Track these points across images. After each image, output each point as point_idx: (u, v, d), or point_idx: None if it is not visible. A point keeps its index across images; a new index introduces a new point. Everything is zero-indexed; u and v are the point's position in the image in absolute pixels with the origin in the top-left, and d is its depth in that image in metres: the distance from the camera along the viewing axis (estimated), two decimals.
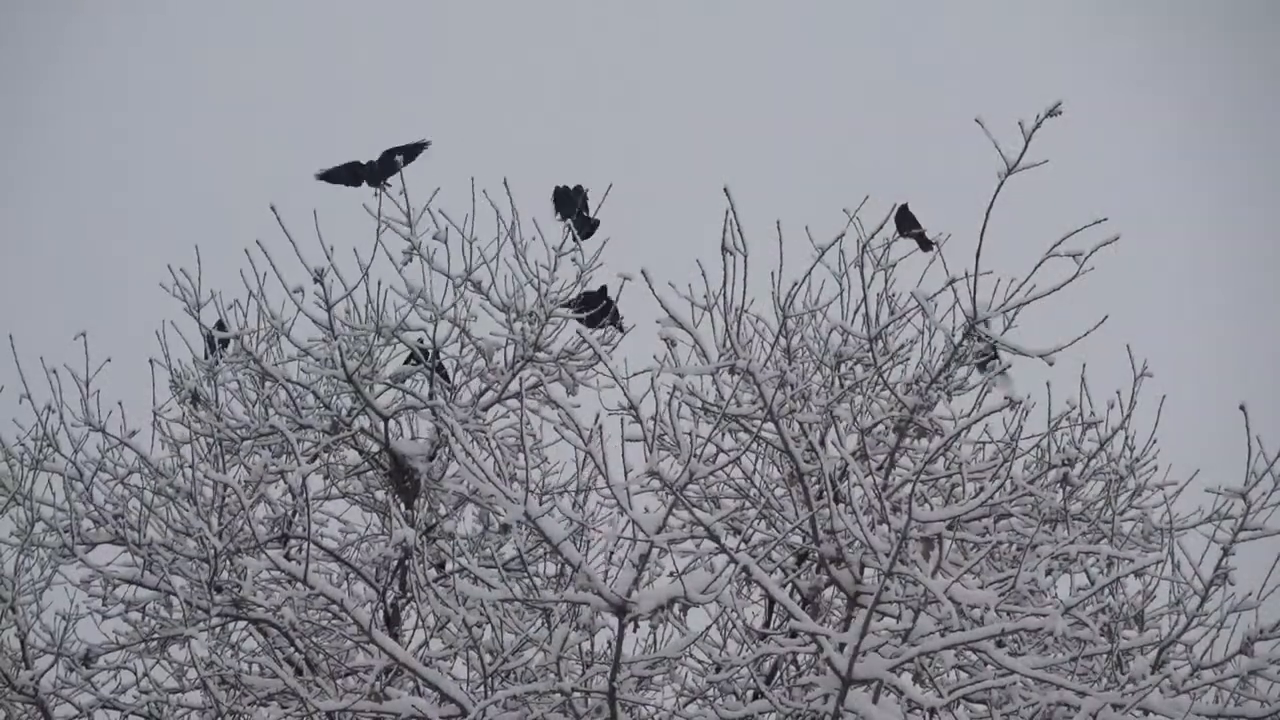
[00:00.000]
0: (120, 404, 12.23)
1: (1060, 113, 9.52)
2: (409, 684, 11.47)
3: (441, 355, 12.68)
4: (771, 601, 11.56)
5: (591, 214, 12.64)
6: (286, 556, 11.81)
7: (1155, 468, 11.86)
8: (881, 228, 11.21)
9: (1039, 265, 10.08)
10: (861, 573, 10.36)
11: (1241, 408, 10.48)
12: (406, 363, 12.76)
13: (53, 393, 12.06)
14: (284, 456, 12.38)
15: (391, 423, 12.64)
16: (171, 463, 12.27)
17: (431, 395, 12.65)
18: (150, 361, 12.23)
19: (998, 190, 9.81)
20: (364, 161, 12.66)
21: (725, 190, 9.76)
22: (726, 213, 9.80)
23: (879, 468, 10.94)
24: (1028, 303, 10.39)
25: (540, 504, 9.47)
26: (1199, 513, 11.69)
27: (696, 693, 11.65)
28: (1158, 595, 11.30)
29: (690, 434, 9.75)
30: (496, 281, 12.72)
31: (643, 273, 9.86)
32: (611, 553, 11.42)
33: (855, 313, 11.40)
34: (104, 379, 12.25)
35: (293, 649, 11.84)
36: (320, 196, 12.63)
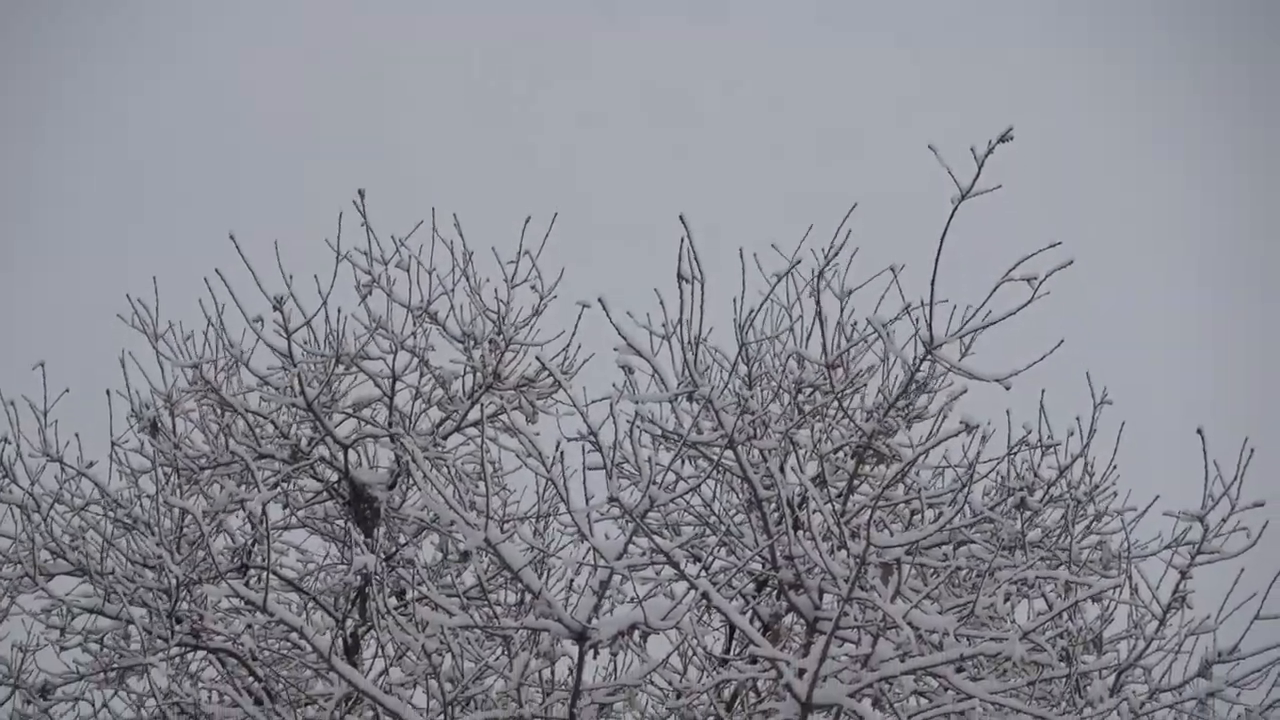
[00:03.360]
0: (77, 435, 12.20)
1: (1011, 138, 9.52)
2: (369, 712, 11.45)
3: (400, 384, 12.67)
4: (732, 628, 11.57)
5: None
6: (246, 585, 11.77)
7: (1114, 494, 11.93)
8: (837, 254, 11.21)
9: (994, 290, 10.08)
10: (821, 599, 10.35)
11: (1199, 432, 10.53)
12: None
13: (9, 424, 12.03)
14: (244, 486, 12.35)
15: (351, 451, 12.63)
16: (129, 493, 12.25)
17: (390, 424, 12.65)
18: (108, 391, 12.19)
19: (951, 217, 9.79)
20: None
21: (681, 218, 9.77)
22: (682, 240, 9.81)
23: (838, 494, 10.95)
24: (984, 328, 10.38)
25: (501, 531, 9.44)
26: (1158, 538, 11.74)
27: None
28: (1116, 619, 11.36)
29: (650, 461, 9.75)
30: (454, 311, 12.75)
31: (600, 300, 9.86)
32: (571, 581, 11.44)
33: (808, 338, 11.43)
34: (61, 410, 12.22)
35: (252, 678, 11.81)
36: (278, 226, 12.62)
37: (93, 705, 11.92)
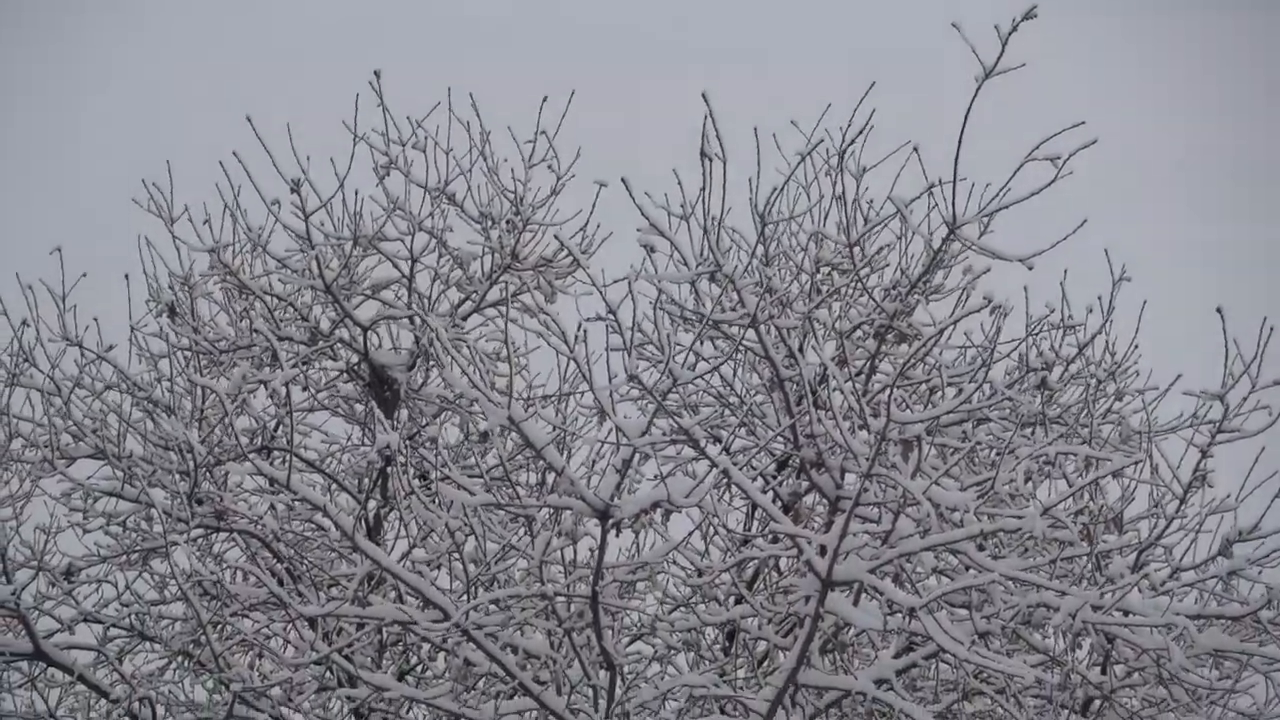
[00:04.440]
0: (96, 320, 12.21)
1: (1035, 15, 9.45)
2: (392, 592, 11.50)
3: (419, 265, 12.66)
4: (753, 507, 11.60)
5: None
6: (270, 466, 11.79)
7: (1136, 373, 11.92)
8: (859, 135, 11.13)
9: (1018, 170, 10.05)
10: (842, 478, 10.37)
11: (1218, 310, 10.50)
12: None
13: (29, 308, 12.03)
14: (266, 368, 12.36)
15: (371, 333, 12.62)
16: (149, 376, 12.28)
17: (410, 305, 12.64)
18: (125, 276, 12.18)
19: (975, 95, 9.75)
20: None
21: (704, 96, 9.72)
22: (705, 118, 9.76)
23: (858, 373, 10.95)
24: (1006, 207, 10.35)
25: (524, 410, 9.44)
26: (1179, 417, 11.76)
27: (679, 600, 11.72)
28: (1137, 499, 11.36)
29: (670, 339, 9.74)
30: (472, 192, 12.72)
31: (623, 180, 9.82)
32: (594, 462, 11.46)
33: (826, 218, 11.39)
34: (80, 294, 12.23)
35: (275, 560, 11.86)
36: (294, 109, 12.59)
37: (116, 587, 12.00)
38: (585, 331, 9.38)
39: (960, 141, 9.91)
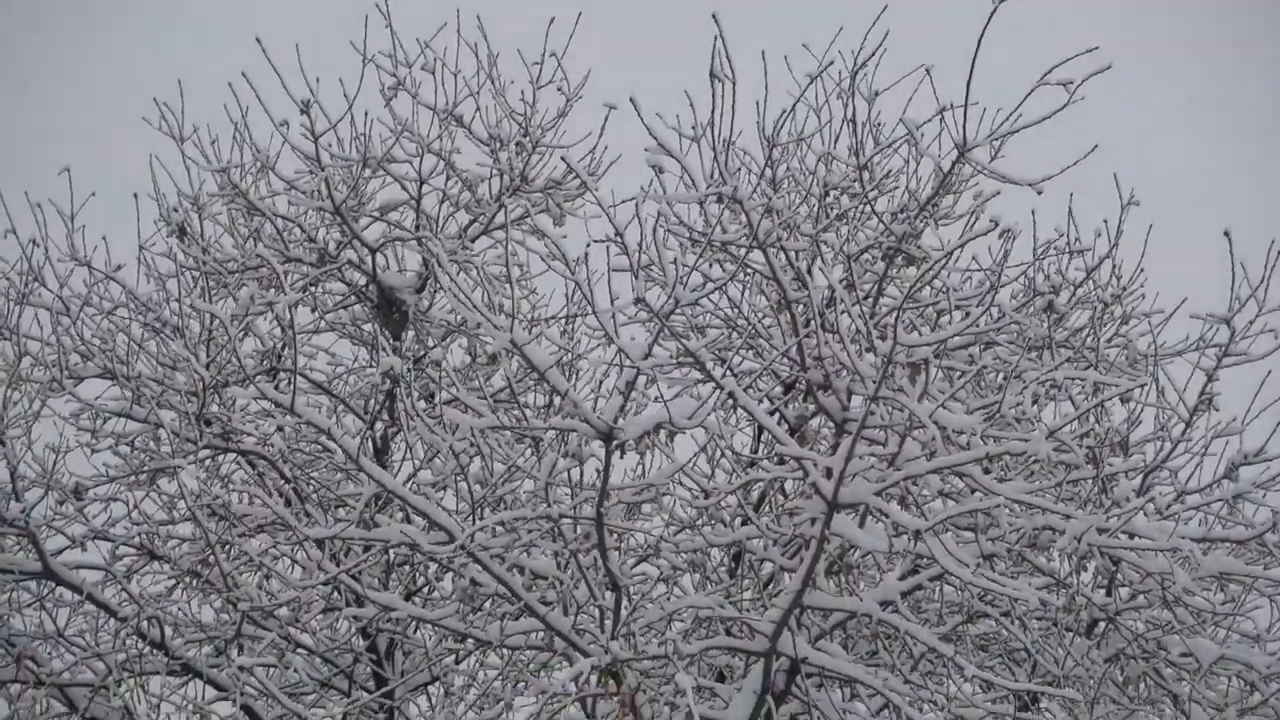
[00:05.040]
0: (105, 239, 12.23)
1: None
2: (399, 514, 11.53)
3: (427, 187, 12.64)
4: (759, 430, 11.59)
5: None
6: (275, 389, 11.81)
7: (1143, 296, 11.90)
8: (869, 59, 11.07)
9: (1029, 94, 9.97)
10: (849, 400, 10.35)
11: (1226, 234, 10.48)
12: None
13: (38, 227, 12.04)
14: (272, 289, 12.36)
15: (379, 255, 12.62)
16: (158, 297, 12.28)
17: (418, 227, 12.63)
18: (134, 195, 12.18)
19: (989, 18, 9.69)
20: None
21: (714, 16, 9.67)
22: (715, 39, 9.71)
23: (866, 296, 10.92)
24: (1016, 131, 10.28)
25: (528, 333, 9.43)
26: (1185, 340, 11.74)
27: (685, 522, 11.73)
28: (1143, 422, 11.37)
29: (676, 261, 9.71)
30: (480, 114, 12.69)
31: (631, 100, 9.78)
32: (600, 383, 11.47)
33: (836, 141, 11.35)
34: (89, 214, 12.24)
35: (282, 481, 11.89)
36: (304, 30, 12.55)
37: (126, 505, 12.03)
38: (588, 254, 9.37)
39: (973, 64, 9.83)
